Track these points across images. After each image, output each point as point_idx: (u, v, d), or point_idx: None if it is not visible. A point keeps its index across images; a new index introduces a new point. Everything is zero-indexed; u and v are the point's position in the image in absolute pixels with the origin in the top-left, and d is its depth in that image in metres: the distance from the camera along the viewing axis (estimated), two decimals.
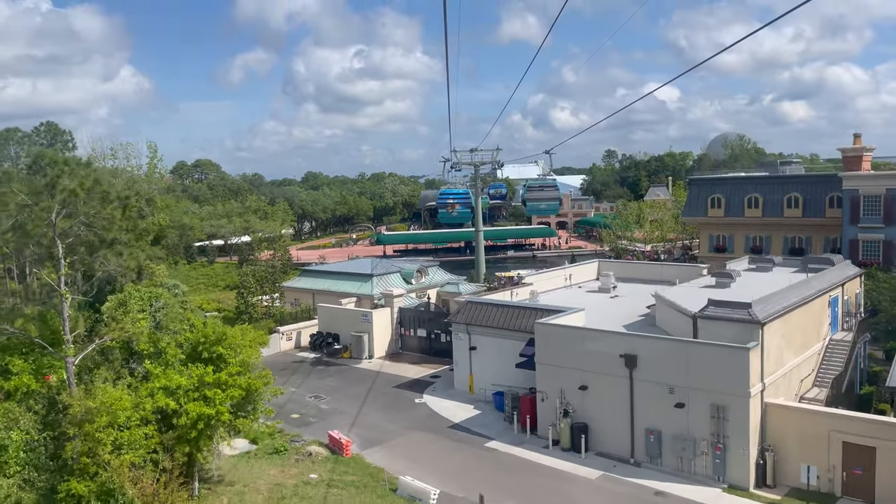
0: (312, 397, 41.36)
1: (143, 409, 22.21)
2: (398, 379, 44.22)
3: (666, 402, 29.37)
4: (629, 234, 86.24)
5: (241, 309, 53.53)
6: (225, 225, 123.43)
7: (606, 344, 31.15)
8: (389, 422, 36.64)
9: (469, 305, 40.58)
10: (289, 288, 60.29)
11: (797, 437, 28.13)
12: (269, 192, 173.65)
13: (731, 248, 65.41)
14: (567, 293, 47.25)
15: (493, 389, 38.49)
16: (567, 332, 32.88)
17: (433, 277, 59.58)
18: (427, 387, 42.32)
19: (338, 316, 51.31)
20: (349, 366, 47.83)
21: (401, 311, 50.57)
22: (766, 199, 62.50)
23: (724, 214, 64.69)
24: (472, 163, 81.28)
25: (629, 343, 30.54)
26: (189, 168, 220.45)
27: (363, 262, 61.85)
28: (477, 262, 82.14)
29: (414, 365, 47.19)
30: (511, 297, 43.91)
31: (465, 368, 40.54)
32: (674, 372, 29.17)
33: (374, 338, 49.32)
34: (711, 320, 29.70)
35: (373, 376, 45.12)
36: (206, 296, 65.02)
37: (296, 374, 46.32)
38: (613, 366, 30.76)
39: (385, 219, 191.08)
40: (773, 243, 62.95)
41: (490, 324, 38.91)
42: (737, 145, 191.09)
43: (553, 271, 50.15)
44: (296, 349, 52.62)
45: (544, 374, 33.48)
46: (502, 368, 38.35)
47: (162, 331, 26.02)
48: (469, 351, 40.14)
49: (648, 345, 30.09)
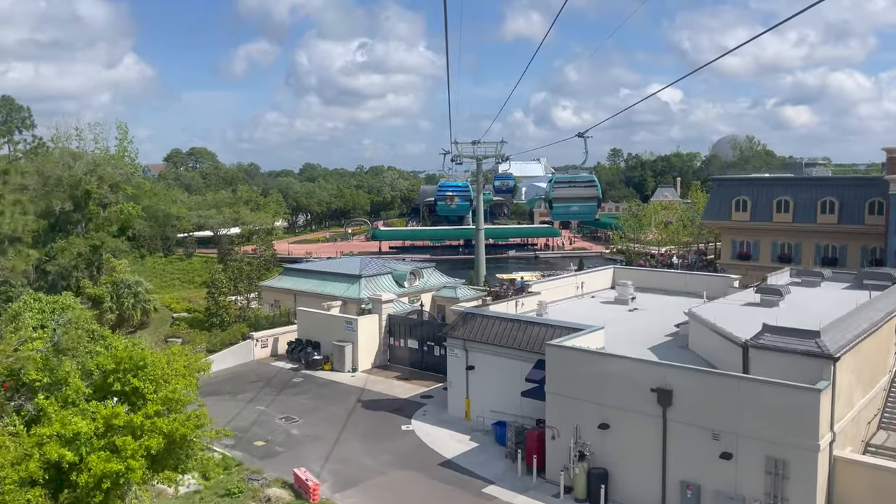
0: (283, 419, 35.65)
1: (27, 468, 16.31)
2: (384, 398, 38.52)
3: (708, 451, 23.68)
4: (642, 237, 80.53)
5: (212, 311, 47.79)
6: (214, 216, 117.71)
7: (634, 374, 25.45)
8: (369, 455, 30.91)
9: (467, 318, 34.85)
10: (268, 288, 54.52)
11: (872, 497, 22.52)
12: (263, 182, 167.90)
13: (756, 256, 59.80)
14: (579, 305, 41.52)
15: (493, 418, 32.81)
16: (585, 357, 27.14)
17: (428, 280, 53.90)
18: (416, 409, 36.60)
19: (319, 322, 45.58)
20: (329, 380, 42.09)
21: (390, 319, 44.85)
22: (798, 203, 56.82)
23: (750, 218, 58.99)
24: (473, 156, 75.25)
25: (663, 374, 24.82)
26: (183, 156, 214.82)
27: (351, 261, 56.14)
28: (477, 263, 76.11)
29: (403, 381, 41.48)
30: (516, 308, 38.18)
31: (461, 391, 34.83)
32: (720, 414, 23.49)
33: (359, 348, 43.61)
34: (768, 351, 23.99)
35: (355, 394, 39.40)
36: (179, 293, 59.43)
37: (268, 389, 40.59)
38: (642, 401, 25.08)
39: (383, 213, 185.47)
40: (803, 252, 57.32)
41: (491, 340, 33.19)
42: (746, 147, 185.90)
43: (563, 278, 44.41)
44: (272, 358, 46.88)
45: (556, 406, 27.78)
46: (505, 393, 32.67)
47: (63, 355, 20.18)
48: (466, 371, 34.43)
49: (688, 378, 24.37)
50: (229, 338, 45.78)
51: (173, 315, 49.90)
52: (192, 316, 49.53)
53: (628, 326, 35.19)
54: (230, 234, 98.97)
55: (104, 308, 45.23)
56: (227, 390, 40.45)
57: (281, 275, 56.47)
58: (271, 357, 46.94)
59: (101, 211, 49.36)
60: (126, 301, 45.41)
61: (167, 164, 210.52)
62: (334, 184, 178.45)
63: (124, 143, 54.82)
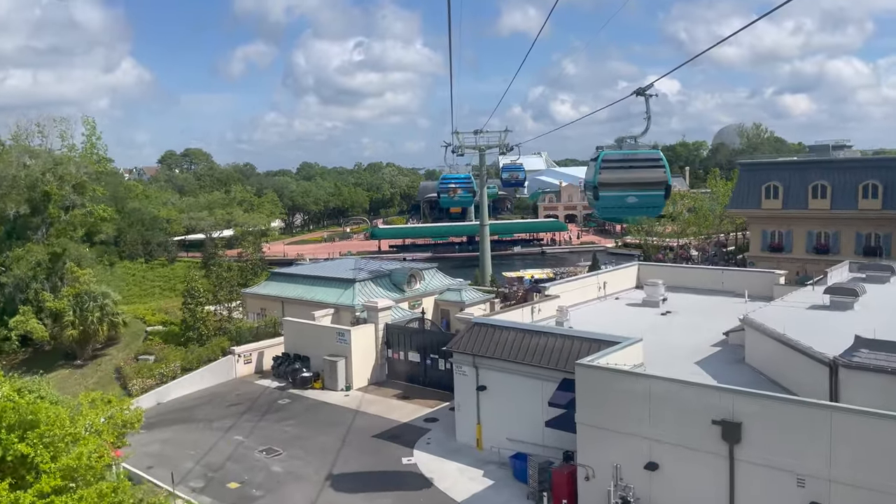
0: (263, 451, 30.47)
1: None
2: (381, 423, 33.32)
3: (790, 500, 18.51)
4: (659, 230, 75.13)
5: (189, 323, 42.59)
6: (205, 218, 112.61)
7: (691, 401, 20.26)
8: (365, 500, 25.74)
9: (476, 329, 29.63)
10: (252, 295, 49.30)
11: None
12: (258, 182, 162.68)
13: (789, 247, 54.50)
14: (603, 308, 36.34)
15: (510, 448, 27.66)
16: (625, 380, 21.91)
17: (430, 282, 48.67)
18: (419, 437, 31.40)
19: (307, 334, 40.39)
20: (319, 401, 36.90)
21: (388, 329, 39.62)
22: (836, 188, 51.44)
23: (783, 206, 53.61)
24: (475, 146, 70.15)
25: (729, 402, 19.59)
26: (178, 157, 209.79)
27: (345, 264, 50.92)
28: (482, 262, 71.16)
29: (403, 401, 36.28)
30: (532, 315, 32.97)
31: (471, 414, 29.64)
32: (805, 453, 18.30)
33: (353, 363, 38.40)
34: (865, 372, 18.81)
35: (348, 418, 34.22)
36: (157, 303, 54.36)
37: (249, 414, 35.41)
38: (702, 436, 19.91)
39: (382, 211, 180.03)
40: (842, 241, 52.00)
41: (505, 355, 27.98)
42: (754, 134, 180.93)
43: (582, 279, 39.14)
44: (256, 375, 41.69)
45: (590, 440, 22.60)
46: (523, 418, 27.55)
47: None
48: (476, 391, 29.23)
49: (762, 407, 19.13)
50: (207, 353, 40.65)
51: (147, 329, 44.82)
52: (167, 329, 44.39)
53: (664, 335, 29.94)
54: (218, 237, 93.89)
55: (65, 323, 40.14)
56: (201, 416, 35.32)
57: (267, 280, 51.31)
58: (255, 374, 41.74)
59: (63, 214, 44.33)
60: (91, 315, 40.32)
61: (161, 166, 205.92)
62: (331, 182, 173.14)
63: (91, 140, 49.73)
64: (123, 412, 16.17)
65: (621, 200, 21.96)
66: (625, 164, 21.88)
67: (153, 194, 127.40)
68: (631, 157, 22.06)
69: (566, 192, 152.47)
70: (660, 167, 21.80)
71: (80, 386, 40.00)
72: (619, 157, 22.08)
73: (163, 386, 38.41)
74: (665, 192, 21.93)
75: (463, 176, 63.83)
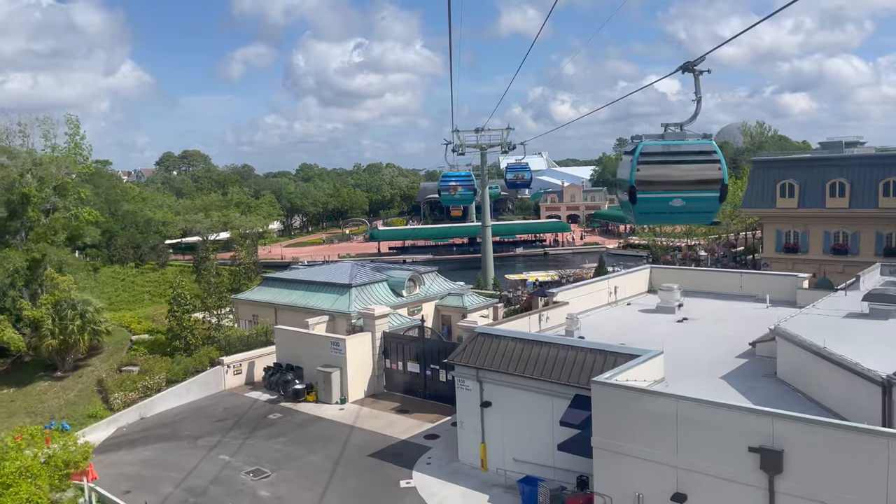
0: (250, 473, 28.15)
1: None
2: (378, 440, 31.00)
3: None
4: (668, 230, 72.75)
5: (175, 332, 40.29)
6: (201, 220, 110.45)
7: (724, 425, 17.96)
8: None
9: (480, 340, 27.31)
10: (244, 301, 47.03)
11: None
12: (256, 184, 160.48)
13: (806, 248, 52.22)
14: (615, 315, 34.05)
15: (517, 470, 25.38)
16: (647, 400, 19.60)
17: (430, 287, 46.39)
18: (420, 455, 29.07)
19: (300, 343, 38.10)
20: (313, 415, 34.58)
21: (385, 337, 37.32)
22: (855, 186, 49.15)
23: (798, 205, 51.30)
24: (477, 144, 67.88)
25: (767, 427, 17.30)
26: (176, 159, 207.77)
27: (341, 268, 48.62)
28: (484, 264, 68.87)
29: (402, 415, 33.97)
30: (539, 323, 30.67)
31: (475, 433, 27.31)
32: (858, 487, 16.01)
33: (349, 374, 36.09)
34: None
35: (343, 434, 31.89)
36: (145, 310, 52.06)
37: (237, 430, 33.09)
38: (738, 465, 17.66)
39: (382, 213, 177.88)
40: (861, 242, 49.72)
41: (512, 369, 25.67)
42: (757, 133, 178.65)
43: (592, 283, 36.83)
44: (246, 386, 39.39)
45: (608, 466, 20.33)
46: (532, 438, 25.28)
47: None
48: (480, 408, 26.93)
49: (807, 433, 16.84)
50: (195, 364, 38.37)
51: (132, 338, 42.56)
52: (153, 338, 42.09)
53: (682, 345, 27.60)
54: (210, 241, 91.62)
55: (43, 333, 37.87)
56: (186, 433, 33.00)
57: (260, 285, 49.01)
58: (246, 386, 39.44)
59: (43, 217, 42.08)
60: (71, 324, 38.07)
61: (158, 168, 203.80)
62: (331, 183, 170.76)
63: (75, 140, 47.46)
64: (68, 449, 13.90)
65: (665, 204, 17.40)
66: (670, 157, 17.40)
67: (149, 196, 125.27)
68: (677, 148, 17.50)
69: (568, 192, 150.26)
70: (714, 161, 17.42)
71: (59, 399, 37.79)
72: (663, 149, 17.52)
73: (146, 399, 36.13)
74: (720, 192, 17.57)
75: (464, 174, 61.95)
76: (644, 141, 17.54)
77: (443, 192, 62.50)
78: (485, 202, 70.51)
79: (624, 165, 18.26)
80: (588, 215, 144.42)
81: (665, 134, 17.70)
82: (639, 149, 17.47)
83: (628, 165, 17.59)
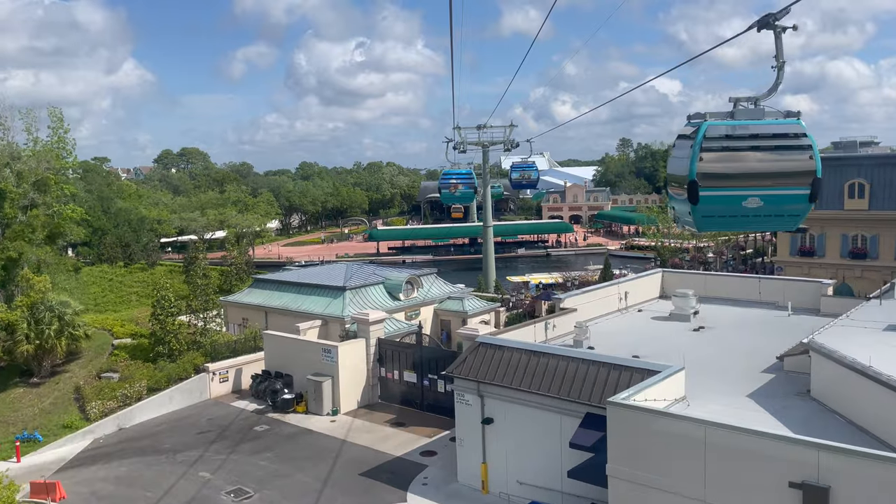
0: (231, 493, 25.94)
1: None
2: (371, 456, 28.78)
3: None
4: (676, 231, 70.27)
5: (158, 336, 38.05)
6: (197, 218, 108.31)
7: (759, 456, 15.73)
8: None
9: (481, 350, 25.08)
10: (233, 304, 44.80)
11: None
12: (254, 182, 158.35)
13: (822, 252, 49.96)
14: (626, 323, 31.80)
15: (522, 495, 23.22)
16: (671, 424, 17.35)
17: (429, 290, 44.14)
18: (415, 474, 26.87)
19: (290, 349, 35.88)
20: (302, 428, 32.37)
21: (380, 344, 35.09)
22: (875, 186, 46.88)
23: (816, 207, 48.89)
24: (478, 142, 65.69)
25: (811, 459, 15.07)
26: (174, 157, 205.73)
27: (335, 270, 46.37)
28: (486, 266, 66.70)
29: (397, 428, 31.75)
30: (546, 332, 28.43)
31: (476, 451, 25.09)
32: None
33: (341, 383, 33.87)
34: None
35: (333, 449, 29.67)
36: (131, 311, 49.79)
37: (220, 443, 30.87)
38: (775, 502, 15.41)
39: (382, 212, 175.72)
40: (881, 246, 47.44)
41: (517, 383, 23.44)
42: None
43: (601, 289, 34.55)
44: (233, 395, 37.18)
45: (625, 497, 18.09)
46: (538, 458, 23.11)
47: None
48: (482, 425, 24.71)
49: (858, 467, 14.59)
50: (178, 371, 36.14)
51: (114, 342, 40.30)
52: (136, 343, 39.86)
53: (700, 356, 25.32)
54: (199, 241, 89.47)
55: (18, 337, 35.66)
56: (165, 446, 30.80)
57: (250, 287, 46.76)
58: (232, 394, 37.23)
59: (21, 214, 39.91)
60: (48, 328, 35.86)
61: (155, 166, 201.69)
62: (330, 182, 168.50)
63: (59, 133, 45.27)
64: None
65: (736, 205, 13.06)
66: (743, 142, 12.99)
67: (145, 194, 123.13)
68: (753, 130, 13.05)
69: (571, 192, 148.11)
70: (803, 148, 13.12)
71: (34, 407, 35.57)
72: (734, 131, 13.13)
73: (126, 409, 33.93)
74: (812, 189, 13.59)
75: (464, 172, 60.07)
76: (709, 120, 13.28)
77: (443, 190, 60.68)
78: (486, 202, 68.35)
79: (679, 154, 13.96)
80: (591, 216, 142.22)
81: (735, 111, 13.41)
82: (702, 131, 13.07)
83: (686, 154, 13.32)
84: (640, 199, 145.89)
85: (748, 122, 13.28)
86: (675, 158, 14.14)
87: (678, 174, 13.80)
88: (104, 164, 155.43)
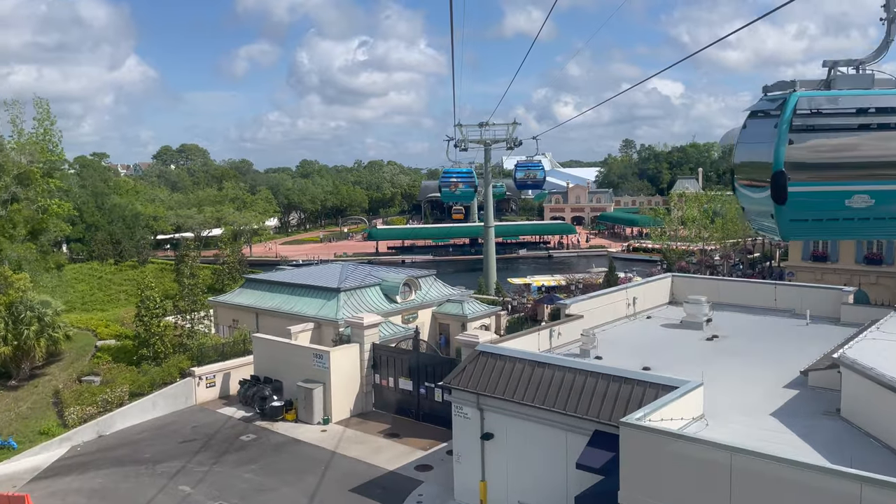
0: None
1: None
2: (363, 470, 27.04)
3: None
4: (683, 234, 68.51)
5: (143, 338, 36.34)
6: (194, 215, 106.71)
7: (793, 487, 13.99)
8: None
9: (482, 360, 23.34)
10: (223, 304, 43.09)
11: None
12: (253, 179, 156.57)
13: (836, 257, 48.33)
14: (634, 331, 30.04)
15: None
16: (692, 449, 15.60)
17: (427, 292, 42.44)
18: (409, 491, 25.14)
19: (280, 354, 34.14)
20: (290, 437, 30.61)
21: (375, 349, 33.34)
22: None
23: None
24: (480, 140, 63.98)
25: (853, 491, 13.33)
26: (174, 153, 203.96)
27: (330, 270, 44.69)
28: (487, 268, 65.02)
29: (391, 439, 30.00)
30: (550, 340, 26.69)
31: (474, 468, 23.34)
32: None
33: (333, 390, 32.12)
34: None
35: (322, 462, 27.93)
36: (118, 311, 48.10)
37: (202, 454, 29.11)
38: None
39: (382, 211, 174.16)
40: None
41: (518, 396, 21.72)
42: None
43: (608, 294, 32.79)
44: (221, 401, 35.42)
45: None
46: (542, 477, 21.38)
47: None
48: (481, 440, 22.96)
49: None
50: (163, 375, 34.40)
51: (97, 343, 38.59)
52: (120, 344, 38.16)
53: (716, 368, 23.49)
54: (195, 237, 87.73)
55: None
56: (145, 456, 29.05)
57: (241, 287, 45.05)
58: (219, 400, 35.47)
59: (2, 209, 38.13)
60: (27, 329, 34.16)
61: (154, 162, 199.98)
62: (330, 180, 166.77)
63: (45, 125, 43.55)
64: None
65: (837, 203, 9.84)
66: (846, 120, 9.71)
67: (142, 190, 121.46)
68: (858, 103, 9.75)
69: (573, 193, 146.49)
70: None
71: (11, 412, 33.78)
72: (832, 105, 9.85)
73: (107, 414, 32.17)
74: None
75: (465, 170, 58.67)
76: (799, 91, 9.98)
77: (443, 189, 59.32)
78: (488, 202, 66.69)
79: (753, 137, 10.62)
80: (593, 217, 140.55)
81: (833, 79, 10.07)
82: (790, 104, 9.82)
83: (766, 136, 9.96)
84: (643, 201, 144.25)
85: (851, 92, 10.09)
86: (747, 144, 10.98)
87: (754, 162, 10.65)
88: (103, 159, 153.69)
